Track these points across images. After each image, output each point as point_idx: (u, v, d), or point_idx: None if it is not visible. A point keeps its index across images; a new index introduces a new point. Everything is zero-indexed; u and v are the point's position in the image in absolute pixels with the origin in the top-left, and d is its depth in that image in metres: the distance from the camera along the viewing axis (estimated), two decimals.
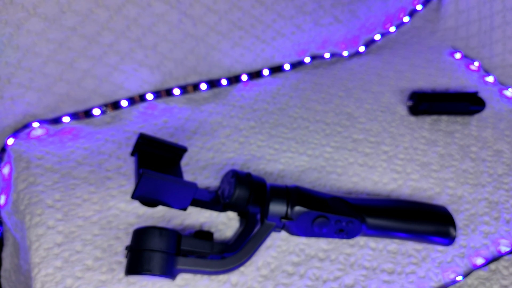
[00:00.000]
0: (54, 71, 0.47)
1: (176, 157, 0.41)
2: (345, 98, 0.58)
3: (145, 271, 0.32)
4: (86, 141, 0.48)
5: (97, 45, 0.48)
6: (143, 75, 0.53)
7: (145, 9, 0.48)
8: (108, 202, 0.42)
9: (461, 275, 0.40)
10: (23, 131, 0.48)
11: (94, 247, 0.38)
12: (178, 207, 0.37)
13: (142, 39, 0.50)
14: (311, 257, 0.39)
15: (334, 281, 0.38)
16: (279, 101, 0.57)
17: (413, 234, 0.39)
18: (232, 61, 0.58)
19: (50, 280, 0.36)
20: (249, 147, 0.50)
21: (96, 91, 0.51)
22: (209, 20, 0.53)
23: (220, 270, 0.35)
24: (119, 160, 0.46)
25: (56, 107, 0.50)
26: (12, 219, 0.44)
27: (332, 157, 0.49)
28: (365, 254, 0.40)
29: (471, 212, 0.45)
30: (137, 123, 0.51)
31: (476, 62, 0.67)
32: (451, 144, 0.53)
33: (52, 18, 0.44)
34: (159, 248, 0.33)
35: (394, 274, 0.39)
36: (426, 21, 0.73)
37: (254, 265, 0.38)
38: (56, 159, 0.46)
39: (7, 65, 0.44)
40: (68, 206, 0.41)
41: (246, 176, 0.38)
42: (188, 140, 0.50)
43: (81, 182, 0.43)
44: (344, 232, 0.38)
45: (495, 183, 0.48)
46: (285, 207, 0.36)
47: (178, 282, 0.36)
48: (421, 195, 0.46)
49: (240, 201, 0.37)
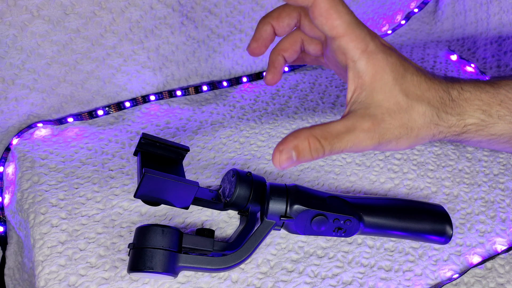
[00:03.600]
0: (58, 73, 0.48)
1: (178, 157, 0.42)
2: (344, 99, 0.59)
3: (148, 269, 0.32)
4: (90, 141, 0.49)
5: (100, 47, 0.48)
6: (145, 76, 0.54)
7: (147, 12, 0.49)
8: (111, 201, 0.42)
9: (458, 273, 0.40)
10: (27, 131, 0.49)
11: (97, 245, 0.39)
12: (180, 206, 0.38)
13: (145, 41, 0.51)
14: (309, 254, 0.40)
15: (332, 278, 0.38)
16: (279, 102, 0.58)
17: (410, 232, 0.40)
18: (232, 63, 0.59)
19: (53, 277, 0.36)
20: (249, 147, 0.50)
21: (99, 92, 0.52)
22: (210, 23, 0.54)
23: (221, 268, 0.35)
24: (122, 160, 0.47)
25: (60, 108, 0.51)
26: (16, 217, 0.44)
27: (330, 157, 0.50)
28: (363, 252, 0.41)
29: (467, 211, 0.46)
30: (140, 123, 0.52)
31: (472, 64, 0.67)
32: (447, 144, 0.53)
33: (55, 20, 0.44)
34: (161, 246, 0.33)
35: (391, 272, 0.39)
36: (422, 23, 0.74)
37: (254, 262, 0.39)
38: (60, 159, 0.46)
39: (11, 66, 0.45)
40: (72, 205, 0.42)
41: (247, 175, 0.39)
42: (190, 140, 0.50)
43: (84, 181, 0.44)
44: (342, 230, 0.38)
45: (491, 183, 0.49)
46: (284, 205, 0.37)
47: (179, 279, 0.37)
48: (417, 194, 0.47)
49: (240, 199, 0.38)
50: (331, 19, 0.26)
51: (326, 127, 0.27)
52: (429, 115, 0.27)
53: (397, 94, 0.26)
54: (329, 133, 0.26)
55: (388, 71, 0.26)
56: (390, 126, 0.27)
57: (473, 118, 0.29)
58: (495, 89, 0.29)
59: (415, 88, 0.27)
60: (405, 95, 0.26)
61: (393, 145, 0.28)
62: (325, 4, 0.25)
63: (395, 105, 0.26)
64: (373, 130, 0.26)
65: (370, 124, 0.26)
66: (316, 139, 0.26)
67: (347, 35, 0.26)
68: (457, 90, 0.29)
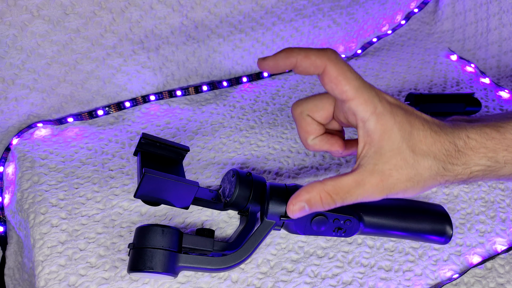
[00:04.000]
0: (58, 72, 0.48)
1: (178, 157, 0.42)
2: None
3: (148, 269, 0.32)
4: (90, 141, 0.49)
5: (100, 47, 0.48)
6: (145, 76, 0.54)
7: (147, 12, 0.49)
8: (111, 201, 0.42)
9: (458, 273, 0.40)
10: (27, 131, 0.49)
11: (97, 245, 0.39)
12: (180, 206, 0.38)
13: (145, 41, 0.51)
14: (309, 254, 0.40)
15: (332, 278, 0.38)
16: (279, 102, 0.58)
17: (410, 232, 0.40)
18: (232, 63, 0.59)
19: (53, 277, 0.36)
20: (249, 147, 0.51)
21: (99, 92, 0.52)
22: (210, 23, 0.54)
23: (221, 268, 0.35)
24: (122, 160, 0.47)
25: (60, 108, 0.51)
26: (16, 217, 0.44)
27: (330, 156, 0.50)
28: (363, 252, 0.41)
29: (467, 211, 0.46)
30: (140, 123, 0.52)
31: (472, 64, 0.67)
32: None
33: (55, 20, 0.44)
34: (161, 246, 0.33)
35: (391, 272, 0.39)
36: (422, 23, 0.74)
37: (254, 262, 0.39)
38: (60, 159, 0.46)
39: (11, 66, 0.45)
40: (72, 205, 0.42)
41: (247, 175, 0.39)
42: (190, 140, 0.50)
43: (84, 181, 0.44)
44: (342, 230, 0.38)
45: (491, 183, 0.49)
46: (284, 205, 0.37)
47: (179, 279, 0.37)
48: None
49: (240, 199, 0.38)
50: (341, 85, 0.28)
51: (338, 182, 0.29)
52: (435, 168, 0.29)
53: (404, 150, 0.28)
54: (340, 189, 0.29)
55: (396, 130, 0.28)
56: (397, 181, 0.28)
57: (479, 166, 0.30)
58: (501, 134, 0.30)
59: (421, 144, 0.29)
60: (411, 151, 0.28)
61: (400, 195, 0.30)
62: (334, 72, 0.27)
63: (402, 161, 0.28)
64: (382, 185, 0.28)
65: (378, 180, 0.28)
66: (328, 194, 0.29)
67: (356, 99, 0.28)
68: (463, 140, 0.30)
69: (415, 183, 0.29)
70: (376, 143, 0.28)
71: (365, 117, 0.28)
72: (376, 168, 0.28)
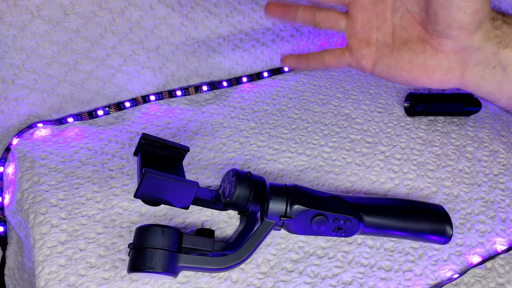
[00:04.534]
0: (58, 73, 0.48)
1: (178, 157, 0.42)
2: (343, 99, 0.59)
3: (148, 269, 0.32)
4: (90, 142, 0.49)
5: (100, 47, 0.48)
6: (145, 76, 0.54)
7: (147, 12, 0.49)
8: (111, 201, 0.42)
9: (458, 273, 0.40)
10: (27, 132, 0.49)
11: (97, 245, 0.39)
12: (180, 206, 0.38)
13: (145, 41, 0.51)
14: (309, 254, 0.40)
15: (332, 278, 0.38)
16: (279, 103, 0.58)
17: (410, 232, 0.40)
18: (232, 63, 0.59)
19: (53, 278, 0.36)
20: (249, 147, 0.51)
21: (99, 93, 0.52)
22: (210, 23, 0.54)
23: (221, 268, 0.35)
24: (122, 160, 0.47)
25: (60, 108, 0.51)
26: (16, 217, 0.44)
27: (330, 157, 0.50)
28: (363, 252, 0.41)
29: (467, 211, 0.46)
30: (140, 124, 0.52)
31: None
32: (447, 144, 0.53)
33: (55, 20, 0.44)
34: (161, 246, 0.33)
35: (391, 272, 0.39)
36: None
37: (254, 262, 0.39)
38: (60, 159, 0.46)
39: (11, 66, 0.45)
40: (72, 205, 0.42)
41: (247, 175, 0.39)
42: (190, 141, 0.50)
43: (84, 181, 0.44)
44: (342, 230, 0.38)
45: (491, 183, 0.49)
46: (284, 205, 0.37)
47: (179, 279, 0.37)
48: (417, 194, 0.47)
49: (240, 199, 0.38)
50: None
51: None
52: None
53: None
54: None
55: None
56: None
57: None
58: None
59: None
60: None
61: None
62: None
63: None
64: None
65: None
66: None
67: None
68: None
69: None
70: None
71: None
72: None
